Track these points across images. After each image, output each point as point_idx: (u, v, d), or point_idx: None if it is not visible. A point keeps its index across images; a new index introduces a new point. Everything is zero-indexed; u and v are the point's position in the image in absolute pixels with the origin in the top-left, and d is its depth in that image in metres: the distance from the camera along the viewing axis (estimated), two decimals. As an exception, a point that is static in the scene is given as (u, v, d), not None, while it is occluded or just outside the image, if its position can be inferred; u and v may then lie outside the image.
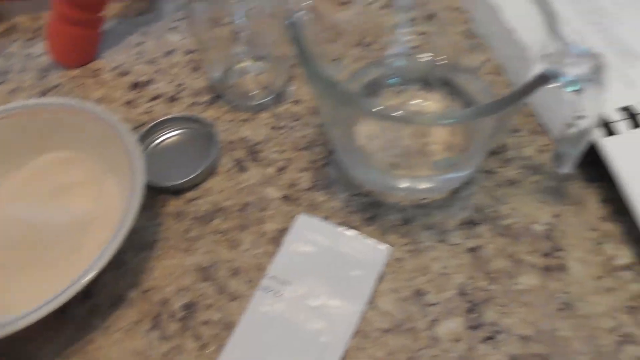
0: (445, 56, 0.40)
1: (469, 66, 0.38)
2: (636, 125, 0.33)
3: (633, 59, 0.37)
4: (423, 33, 0.41)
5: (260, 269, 0.33)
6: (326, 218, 0.35)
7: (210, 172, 0.38)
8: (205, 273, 0.33)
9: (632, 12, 0.40)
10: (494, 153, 0.37)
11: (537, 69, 0.26)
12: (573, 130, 0.29)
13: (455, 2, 0.44)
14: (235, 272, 0.33)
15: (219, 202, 0.36)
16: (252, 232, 0.35)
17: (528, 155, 0.37)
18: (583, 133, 0.29)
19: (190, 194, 0.37)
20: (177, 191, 0.37)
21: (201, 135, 0.39)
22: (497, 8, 0.35)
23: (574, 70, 0.25)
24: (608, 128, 0.33)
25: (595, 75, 0.25)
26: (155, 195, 0.37)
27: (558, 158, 0.32)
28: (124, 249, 0.34)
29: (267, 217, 0.35)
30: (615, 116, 0.33)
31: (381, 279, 0.32)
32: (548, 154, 0.37)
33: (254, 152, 0.39)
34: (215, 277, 0.33)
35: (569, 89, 0.25)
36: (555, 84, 0.25)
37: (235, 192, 0.37)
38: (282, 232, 0.34)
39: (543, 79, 0.25)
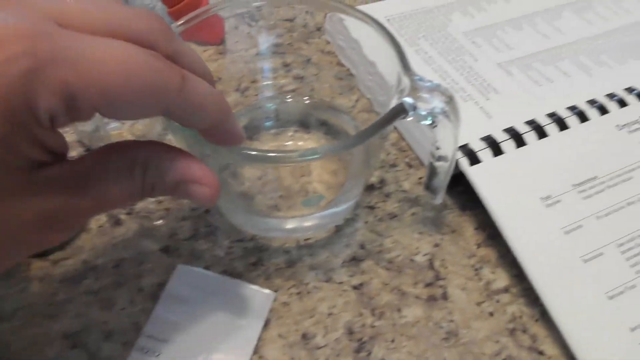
0: (320, 98, 0.41)
1: (343, 106, 0.39)
2: (496, 153, 0.35)
3: (491, 92, 0.39)
4: (300, 77, 0.42)
5: (137, 329, 0.30)
6: (208, 267, 0.33)
7: (80, 229, 0.35)
8: (74, 339, 0.30)
9: (487, 49, 0.43)
10: (374, 188, 0.38)
11: (394, 102, 0.27)
12: (437, 162, 0.30)
13: (329, 46, 0.45)
14: (108, 335, 0.30)
15: (91, 260, 0.34)
16: (128, 289, 0.32)
17: (406, 189, 0.38)
18: (445, 165, 0.30)
19: (57, 255, 0.34)
20: (42, 253, 0.34)
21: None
22: (360, 42, 0.36)
23: (426, 104, 0.26)
24: (473, 157, 0.34)
25: (448, 109, 0.26)
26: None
27: (429, 189, 0.33)
28: (-22, 323, 0.30)
29: (145, 271, 0.33)
30: (478, 145, 0.35)
31: (267, 325, 0.31)
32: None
33: (128, 205, 0.36)
34: (86, 342, 0.30)
35: (424, 122, 0.26)
36: (410, 118, 0.26)
37: (109, 247, 0.34)
38: (162, 286, 0.32)
39: (398, 112, 0.25)
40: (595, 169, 0.35)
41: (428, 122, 0.26)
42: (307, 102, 0.41)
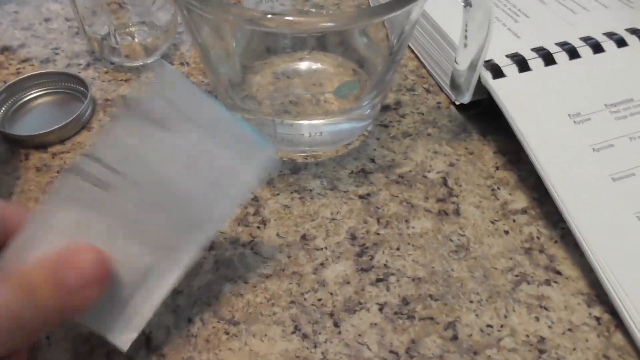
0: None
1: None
2: (523, 70, 0.32)
3: (521, 16, 0.37)
4: (320, 6, 0.40)
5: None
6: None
7: (81, 127, 0.34)
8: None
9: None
10: (389, 109, 0.36)
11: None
12: (468, 50, 0.28)
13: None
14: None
15: (89, 154, 0.32)
16: (124, 184, 0.31)
17: (423, 112, 0.36)
18: (478, 51, 0.28)
19: (56, 148, 0.33)
20: (42, 145, 0.33)
21: (73, 92, 0.36)
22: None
23: None
24: (497, 71, 0.32)
25: None
26: (16, 149, 0.32)
27: (455, 86, 0.31)
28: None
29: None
30: (504, 61, 0.33)
31: (265, 224, 0.29)
32: (442, 110, 0.36)
33: (134, 107, 0.35)
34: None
35: None
36: None
37: (109, 146, 0.33)
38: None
39: None
40: (631, 92, 0.32)
41: None
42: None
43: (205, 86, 0.37)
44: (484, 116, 0.35)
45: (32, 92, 0.35)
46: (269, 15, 0.23)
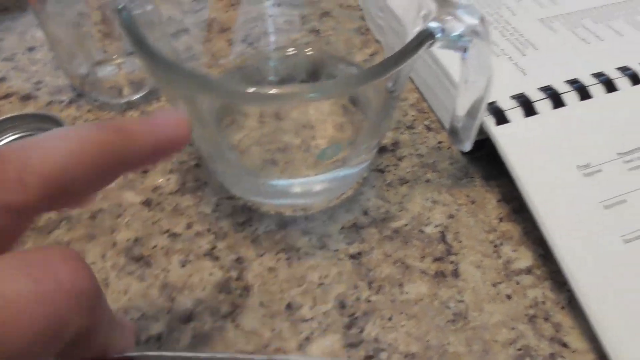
0: (333, 52, 0.37)
1: (357, 60, 0.35)
2: (529, 114, 0.30)
3: (529, 47, 0.34)
4: (316, 30, 0.38)
5: (105, 285, 0.27)
6: (191, 224, 0.30)
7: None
8: (36, 293, 0.27)
9: (528, 4, 0.38)
10: (386, 150, 0.34)
11: (414, 32, 0.23)
12: (467, 96, 0.26)
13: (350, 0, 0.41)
14: (73, 290, 0.27)
15: (65, 209, 0.31)
16: (101, 243, 0.29)
17: (422, 153, 0.33)
18: (478, 99, 0.26)
19: (32, 201, 0.31)
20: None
21: (53, 134, 0.34)
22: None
23: (455, 26, 0.22)
24: (500, 116, 0.30)
25: (480, 29, 0.22)
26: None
27: (455, 133, 0.29)
28: None
29: (122, 225, 0.30)
30: (508, 104, 0.30)
31: (248, 292, 0.27)
32: (444, 151, 0.34)
33: (115, 153, 0.33)
34: (48, 297, 0.27)
35: (456, 45, 0.22)
36: (438, 45, 0.22)
37: (87, 198, 0.31)
38: (138, 241, 0.29)
39: (424, 38, 0.21)
40: (647, 137, 0.29)
41: (463, 42, 0.22)
42: (316, 54, 0.37)
43: (191, 126, 0.35)
44: (488, 156, 0.33)
45: (6, 136, 0.34)
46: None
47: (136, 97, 0.37)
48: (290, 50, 0.37)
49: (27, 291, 0.14)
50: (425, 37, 0.22)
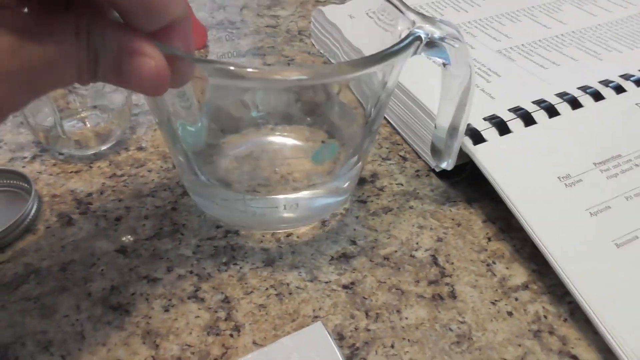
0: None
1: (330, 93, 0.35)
2: (503, 132, 0.30)
3: (492, 75, 0.35)
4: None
5: (81, 338, 0.25)
6: (171, 268, 0.28)
7: (24, 231, 0.30)
8: (3, 353, 0.24)
9: (484, 39, 0.40)
10: (365, 182, 0.33)
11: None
12: (446, 113, 0.27)
13: (314, 49, 0.42)
14: (46, 346, 0.25)
15: (34, 263, 0.28)
16: (74, 295, 0.27)
17: (402, 182, 0.33)
18: (457, 116, 0.27)
19: (-6, 258, 0.29)
20: (-23, 256, 0.29)
21: (15, 189, 0.32)
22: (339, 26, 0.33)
23: (438, 31, 0.23)
24: (477, 136, 0.30)
25: (459, 35, 0.23)
26: (-54, 264, 0.28)
27: (436, 152, 0.29)
28: None
29: (96, 274, 0.28)
30: (482, 125, 0.31)
31: (239, 331, 0.25)
32: (422, 179, 0.34)
33: (84, 204, 0.32)
34: (19, 356, 0.24)
35: (440, 47, 0.23)
36: (422, 53, 0.23)
37: (57, 249, 0.29)
38: (114, 290, 0.27)
39: (412, 40, 0.22)
40: (618, 147, 0.30)
41: (445, 45, 0.23)
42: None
43: (165, 172, 0.34)
44: (467, 181, 0.33)
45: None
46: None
47: (103, 147, 0.35)
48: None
49: None
50: (413, 39, 0.22)
